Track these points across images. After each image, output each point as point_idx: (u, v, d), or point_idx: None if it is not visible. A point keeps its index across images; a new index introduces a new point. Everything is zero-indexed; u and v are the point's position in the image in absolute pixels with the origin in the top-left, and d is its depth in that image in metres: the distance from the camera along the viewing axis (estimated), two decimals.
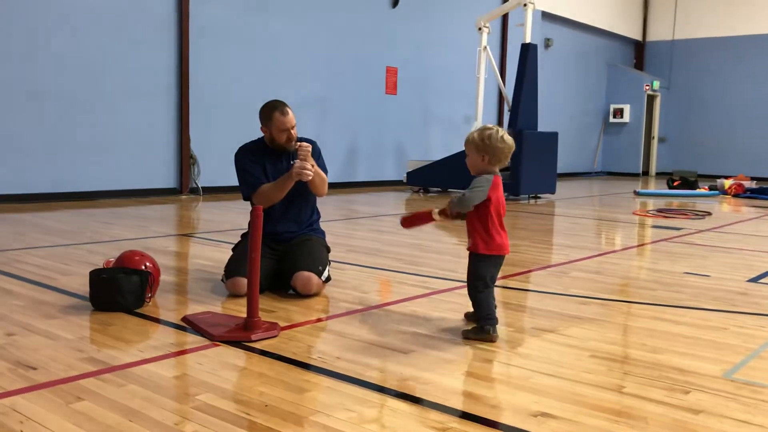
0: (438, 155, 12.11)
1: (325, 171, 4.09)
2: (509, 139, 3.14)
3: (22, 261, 4.66)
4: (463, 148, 3.28)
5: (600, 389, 2.49)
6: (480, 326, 3.08)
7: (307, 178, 3.79)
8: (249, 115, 10.16)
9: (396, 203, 9.46)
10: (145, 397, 2.30)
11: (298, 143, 3.83)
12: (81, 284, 3.88)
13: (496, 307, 3.15)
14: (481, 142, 3.10)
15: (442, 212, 3.19)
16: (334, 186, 4.30)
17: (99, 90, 8.65)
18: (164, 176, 9.48)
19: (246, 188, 3.98)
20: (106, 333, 3.05)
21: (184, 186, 9.60)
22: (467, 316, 3.35)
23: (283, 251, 3.94)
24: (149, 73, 9.11)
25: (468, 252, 3.19)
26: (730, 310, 3.73)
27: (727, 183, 12.28)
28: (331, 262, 4.09)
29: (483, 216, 3.13)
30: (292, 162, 4.00)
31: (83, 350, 2.79)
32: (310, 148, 3.83)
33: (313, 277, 3.76)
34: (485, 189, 3.09)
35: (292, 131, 3.92)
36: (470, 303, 3.18)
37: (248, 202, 4.00)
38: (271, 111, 3.88)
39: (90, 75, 8.55)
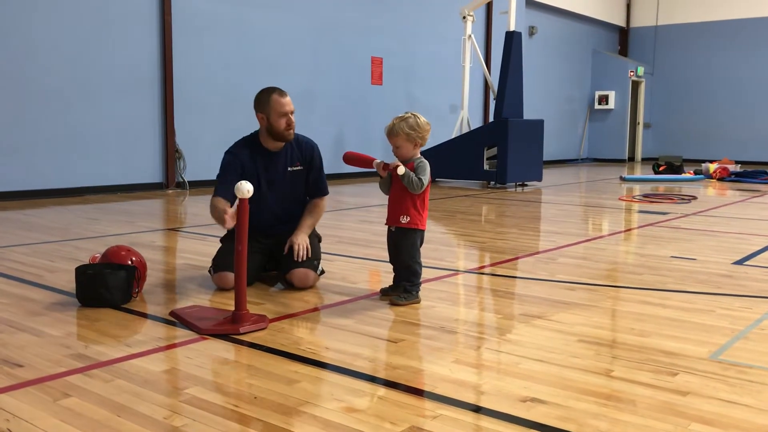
0: (425, 145, 12.07)
1: (324, 189, 4.01)
2: (426, 120, 3.48)
3: (7, 258, 4.62)
4: (447, 139, 3.41)
5: (588, 373, 2.50)
6: (410, 291, 3.44)
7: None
8: (234, 108, 10.08)
9: (383, 194, 9.44)
10: (134, 392, 2.29)
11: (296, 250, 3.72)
12: (67, 281, 3.85)
13: None
14: (413, 131, 3.39)
15: (385, 167, 3.41)
16: (331, 177, 4.27)
17: (82, 85, 8.57)
18: (150, 171, 9.42)
19: (217, 190, 3.72)
20: (93, 329, 3.04)
21: (170, 180, 9.54)
22: (384, 291, 3.58)
23: (272, 244, 3.91)
24: (132, 67, 9.03)
25: (398, 228, 3.46)
26: (716, 293, 3.76)
27: (712, 167, 12.36)
28: (322, 254, 4.07)
29: (423, 195, 3.46)
30: (290, 169, 3.86)
31: (70, 347, 2.77)
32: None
33: (311, 273, 3.75)
34: (428, 175, 3.43)
35: (292, 117, 3.74)
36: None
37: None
38: (269, 94, 3.71)
39: (72, 70, 8.46)
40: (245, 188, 2.93)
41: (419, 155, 3.50)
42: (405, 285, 3.46)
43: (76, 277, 3.42)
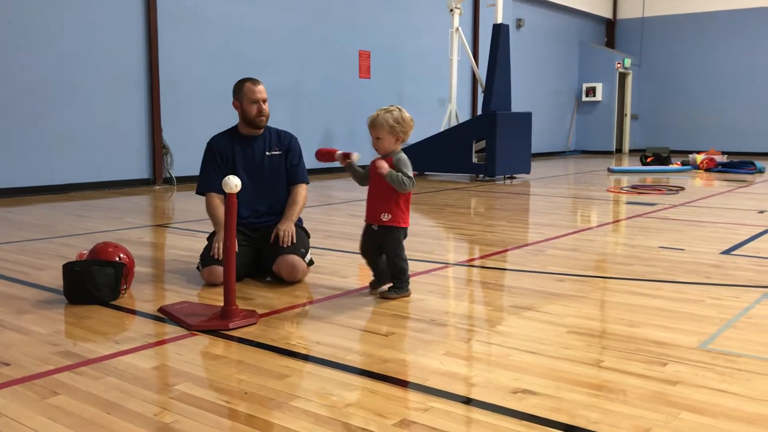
0: (413, 138, 12.04)
1: (304, 176, 4.07)
2: (411, 116, 3.42)
3: None
4: (435, 133, 3.41)
5: (579, 364, 2.50)
6: (400, 286, 3.42)
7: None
8: (220, 103, 10.02)
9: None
10: (123, 389, 2.27)
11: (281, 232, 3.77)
12: (54, 278, 3.82)
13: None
14: (397, 125, 3.31)
15: (348, 164, 3.43)
16: (310, 173, 4.27)
17: (68, 81, 8.49)
18: (137, 167, 9.36)
19: (198, 186, 4.01)
20: (82, 326, 3.01)
21: (158, 176, 9.49)
22: (373, 284, 3.55)
23: (259, 238, 3.91)
24: (118, 63, 8.96)
25: (381, 227, 3.41)
26: (704, 283, 3.78)
27: (699, 158, 12.42)
28: (311, 248, 4.06)
29: (407, 194, 3.40)
30: (268, 154, 3.97)
31: (58, 344, 2.75)
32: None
33: (299, 262, 3.74)
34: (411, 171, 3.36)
35: (264, 105, 3.89)
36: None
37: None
38: (243, 82, 3.92)
39: (58, 66, 8.38)
40: (233, 183, 2.92)
41: (399, 150, 3.43)
42: (395, 282, 3.44)
43: (64, 274, 3.39)
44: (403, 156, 3.38)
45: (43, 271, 4.10)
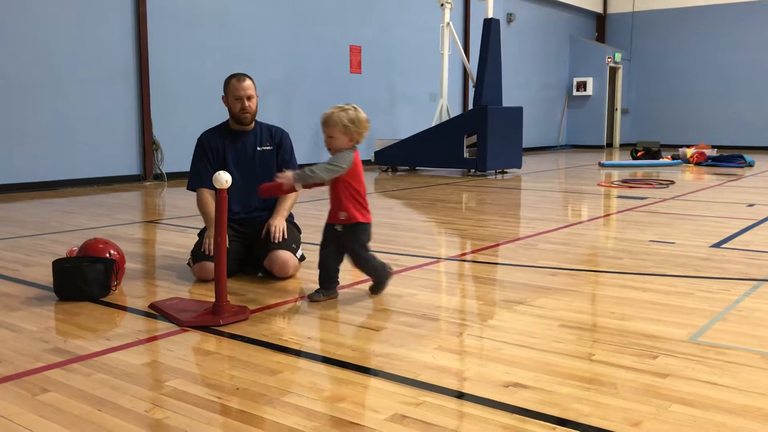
0: (405, 133, 12.08)
1: (295, 168, 4.01)
2: (367, 117, 3.28)
3: None
4: (426, 128, 3.36)
5: (570, 358, 2.51)
6: (380, 280, 3.34)
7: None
8: (211, 99, 9.97)
9: (365, 183, 9.42)
10: (114, 386, 2.26)
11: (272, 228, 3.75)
12: (44, 275, 3.80)
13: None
14: (351, 125, 3.18)
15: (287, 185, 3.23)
16: (302, 168, 4.24)
17: (55, 76, 8.43)
18: (127, 163, 9.31)
19: (189, 182, 4.01)
20: (72, 323, 3.00)
21: (148, 172, 9.45)
22: (314, 296, 3.32)
23: (250, 234, 3.90)
24: (107, 57, 8.90)
25: (344, 227, 3.27)
26: (695, 276, 3.80)
27: (689, 152, 12.47)
28: (302, 243, 4.05)
29: (356, 189, 3.26)
30: (259, 149, 3.93)
31: (48, 341, 2.73)
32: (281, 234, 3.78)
33: (290, 258, 3.73)
34: (345, 168, 3.19)
35: (247, 102, 3.87)
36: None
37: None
38: (229, 78, 3.92)
39: (46, 60, 8.32)
40: (223, 178, 2.91)
41: (352, 147, 3.25)
42: (378, 276, 3.37)
43: (54, 270, 3.37)
44: (345, 152, 3.21)
45: (33, 268, 4.08)
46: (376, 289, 3.40)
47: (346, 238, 3.29)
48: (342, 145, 3.21)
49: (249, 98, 3.87)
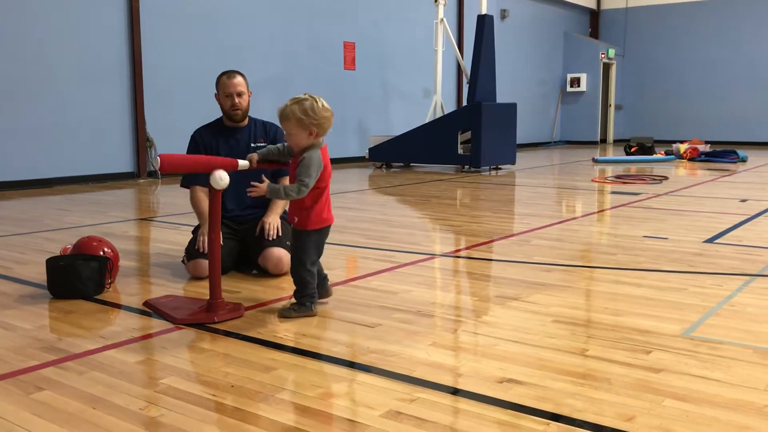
0: (399, 130, 12.08)
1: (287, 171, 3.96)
2: (327, 104, 2.94)
3: None
4: (420, 124, 3.24)
5: (564, 353, 2.52)
6: (302, 302, 3.00)
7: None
8: (204, 96, 9.95)
9: (359, 179, 9.43)
10: (109, 384, 2.26)
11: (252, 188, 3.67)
12: (38, 273, 3.79)
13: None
14: (305, 116, 2.85)
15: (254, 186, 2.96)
16: None
17: (48, 73, 8.39)
18: (121, 160, 9.29)
19: (183, 179, 4.01)
20: (66, 321, 2.99)
21: (142, 170, 9.42)
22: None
23: (245, 231, 3.90)
24: (100, 54, 8.87)
25: (293, 230, 3.06)
26: (688, 271, 3.81)
27: (683, 147, 12.51)
28: None
29: (315, 193, 2.96)
30: (253, 145, 3.91)
31: (42, 339, 2.73)
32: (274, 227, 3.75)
33: (284, 255, 3.73)
34: (316, 171, 2.89)
35: (237, 99, 3.86)
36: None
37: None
38: (220, 76, 3.92)
39: (38, 58, 8.28)
40: (219, 177, 2.90)
41: (315, 147, 2.93)
42: (296, 296, 3.04)
43: (48, 268, 3.36)
44: (311, 156, 2.89)
45: (27, 266, 4.07)
46: (290, 309, 3.01)
47: (293, 239, 3.09)
48: (302, 140, 2.90)
49: (239, 95, 3.87)
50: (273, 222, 3.80)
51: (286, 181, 3.89)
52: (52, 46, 8.40)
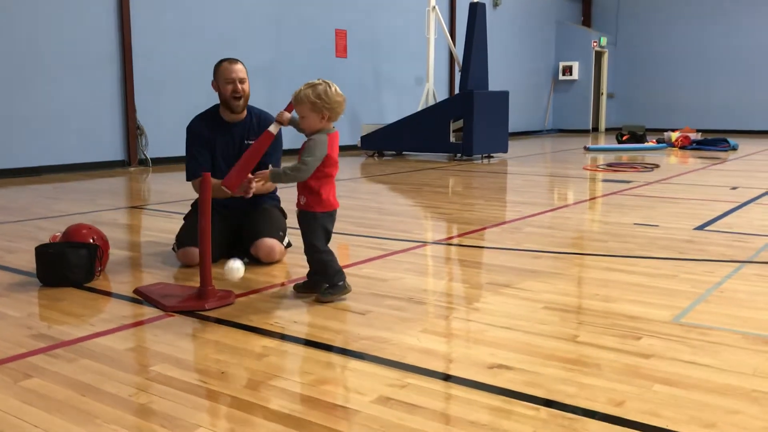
0: (391, 118, 12.05)
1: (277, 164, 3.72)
2: (339, 90, 2.99)
3: None
4: (413, 112, 3.21)
5: (554, 339, 2.53)
6: (334, 283, 3.01)
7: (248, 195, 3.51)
8: (195, 83, 9.90)
9: (352, 168, 9.41)
10: (99, 371, 2.25)
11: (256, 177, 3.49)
12: (28, 261, 3.76)
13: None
14: (318, 100, 2.90)
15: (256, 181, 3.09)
16: (289, 153, 4.23)
17: (38, 61, 8.31)
18: (111, 148, 9.22)
19: (188, 172, 3.87)
20: (56, 308, 2.98)
21: (132, 158, 9.36)
22: (298, 287, 3.15)
23: (236, 218, 3.87)
24: (89, 42, 8.78)
25: (299, 210, 3.06)
26: (678, 258, 3.83)
27: (674, 136, 12.54)
28: (288, 229, 4.04)
29: (325, 172, 3.00)
30: (247, 142, 3.83)
31: (32, 327, 2.71)
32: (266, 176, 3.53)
33: (276, 244, 3.72)
34: (319, 155, 2.93)
35: (240, 85, 3.76)
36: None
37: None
38: (220, 62, 3.81)
39: (28, 46, 8.20)
40: (234, 268, 3.02)
41: (323, 131, 2.98)
42: (323, 279, 3.05)
43: (37, 256, 3.34)
44: (317, 139, 2.95)
45: (16, 254, 4.04)
46: (325, 293, 3.00)
47: (300, 224, 3.08)
48: (314, 124, 2.95)
49: (241, 81, 3.76)
50: (258, 185, 3.44)
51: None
52: (41, 35, 8.31)
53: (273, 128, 3.10)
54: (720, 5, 17.72)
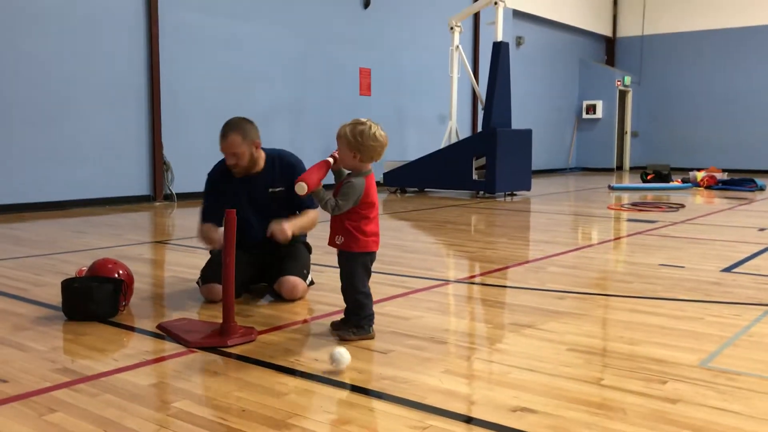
0: (414, 155, 12.11)
1: (312, 202, 3.76)
2: (382, 135, 2.97)
3: None
4: (435, 149, 3.22)
5: (579, 382, 2.49)
6: (360, 325, 3.02)
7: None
8: (221, 120, 10.00)
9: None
10: (121, 407, 2.26)
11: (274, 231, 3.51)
12: (53, 294, 3.81)
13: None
14: (354, 140, 2.92)
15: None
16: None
17: (67, 96, 8.52)
18: (137, 183, 9.37)
19: (204, 215, 3.85)
20: (80, 343, 3.00)
21: (158, 193, 9.50)
22: (335, 324, 3.15)
23: (262, 255, 3.88)
24: (119, 78, 9.00)
25: (339, 251, 3.06)
26: (705, 300, 3.77)
27: (700, 175, 12.43)
28: (312, 265, 4.05)
29: (362, 214, 3.00)
30: (271, 190, 3.80)
31: (56, 361, 2.74)
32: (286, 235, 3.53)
33: (299, 282, 3.72)
34: (353, 199, 2.95)
35: (233, 159, 3.67)
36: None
37: None
38: (222, 128, 3.71)
39: (58, 81, 8.42)
40: (340, 355, 2.67)
41: (360, 174, 2.98)
42: (353, 319, 3.06)
43: (63, 290, 3.38)
44: (354, 184, 2.95)
45: (42, 288, 4.09)
46: (348, 332, 3.01)
47: (340, 263, 3.09)
48: (348, 161, 2.97)
49: (234, 155, 3.66)
50: (285, 227, 3.52)
51: (310, 212, 3.80)
52: (71, 70, 8.53)
53: (300, 188, 2.95)
54: (743, 45, 17.69)
